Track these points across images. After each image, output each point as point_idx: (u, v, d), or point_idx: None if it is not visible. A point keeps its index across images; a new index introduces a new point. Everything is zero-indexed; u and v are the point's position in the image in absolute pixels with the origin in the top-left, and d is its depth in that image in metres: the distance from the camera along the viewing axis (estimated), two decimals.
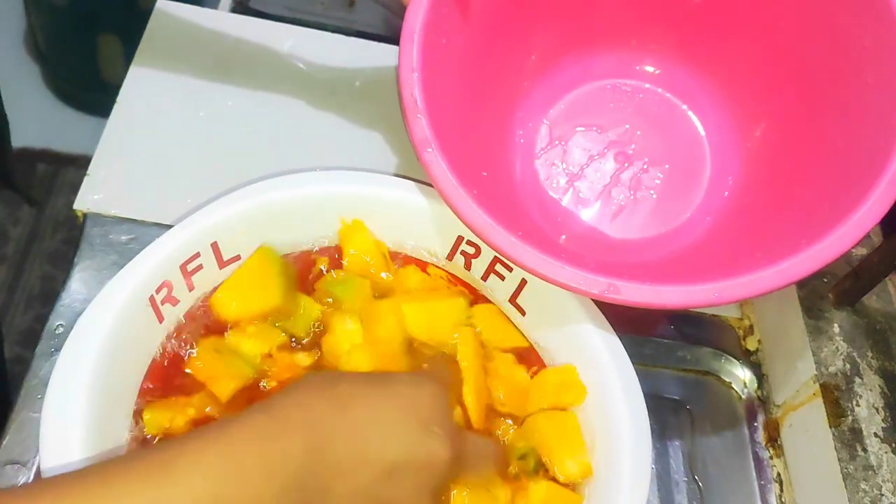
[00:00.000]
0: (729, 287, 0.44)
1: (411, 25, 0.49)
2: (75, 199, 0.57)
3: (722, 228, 0.56)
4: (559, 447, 0.49)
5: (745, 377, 0.60)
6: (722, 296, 0.44)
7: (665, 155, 0.59)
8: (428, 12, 0.49)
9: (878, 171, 0.44)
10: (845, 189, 0.46)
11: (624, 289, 0.44)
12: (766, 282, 0.44)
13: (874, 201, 0.43)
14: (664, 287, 0.44)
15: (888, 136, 0.45)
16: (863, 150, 0.47)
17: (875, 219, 0.43)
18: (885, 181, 0.43)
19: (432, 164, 0.47)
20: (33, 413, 0.49)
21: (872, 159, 0.45)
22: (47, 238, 1.34)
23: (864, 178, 0.44)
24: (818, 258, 0.44)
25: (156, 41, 0.66)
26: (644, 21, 0.59)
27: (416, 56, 0.49)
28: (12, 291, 1.29)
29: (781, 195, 0.53)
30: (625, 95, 0.61)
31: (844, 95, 0.50)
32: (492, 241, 0.46)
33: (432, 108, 0.48)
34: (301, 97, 0.65)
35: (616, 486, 0.45)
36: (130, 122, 0.62)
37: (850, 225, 0.43)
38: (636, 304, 0.45)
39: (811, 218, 0.46)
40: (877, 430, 0.52)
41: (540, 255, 0.45)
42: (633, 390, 0.48)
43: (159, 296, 0.48)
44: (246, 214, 0.51)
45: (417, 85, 0.48)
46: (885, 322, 0.57)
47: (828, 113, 0.51)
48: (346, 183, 0.53)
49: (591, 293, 0.45)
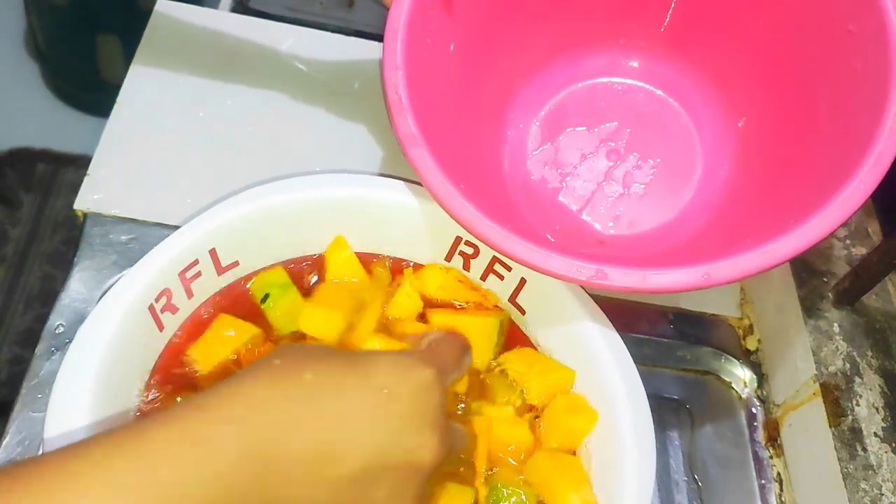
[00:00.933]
0: (718, 268, 0.44)
1: (394, 24, 0.49)
2: (75, 199, 0.58)
3: (715, 220, 0.56)
4: (561, 483, 0.47)
5: (745, 377, 0.60)
6: (711, 277, 0.44)
7: (656, 150, 0.59)
8: (411, 12, 0.49)
9: (863, 152, 0.45)
10: (833, 171, 0.46)
11: (612, 274, 0.44)
12: (753, 262, 0.44)
13: (859, 181, 0.44)
14: (652, 271, 0.44)
15: (874, 119, 0.45)
16: (849, 134, 0.47)
17: (860, 199, 0.44)
18: (869, 162, 0.44)
19: (418, 159, 0.47)
20: (33, 413, 0.49)
21: (858, 142, 0.45)
22: (47, 238, 1.34)
23: (850, 159, 0.45)
24: (804, 237, 0.44)
25: (156, 41, 0.66)
26: (630, 18, 0.59)
27: (399, 54, 0.49)
28: (12, 292, 1.29)
29: (771, 182, 0.53)
30: (615, 93, 0.61)
31: (832, 81, 0.51)
32: (479, 231, 0.45)
33: (417, 105, 0.48)
34: (301, 97, 0.65)
35: (619, 494, 0.45)
36: (130, 122, 0.62)
37: (836, 205, 0.44)
38: (625, 289, 0.44)
39: (800, 201, 0.47)
40: (877, 430, 0.52)
41: (528, 245, 0.45)
42: (635, 390, 0.48)
43: (159, 304, 0.48)
44: (244, 220, 0.51)
45: (402, 83, 0.48)
46: (884, 322, 0.57)
47: (816, 99, 0.52)
48: (345, 186, 0.53)
49: (579, 280, 0.44)
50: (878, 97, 0.46)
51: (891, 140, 0.44)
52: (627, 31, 0.60)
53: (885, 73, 0.46)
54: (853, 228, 0.61)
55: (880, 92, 0.46)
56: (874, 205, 0.63)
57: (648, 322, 0.60)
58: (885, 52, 0.46)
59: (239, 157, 0.61)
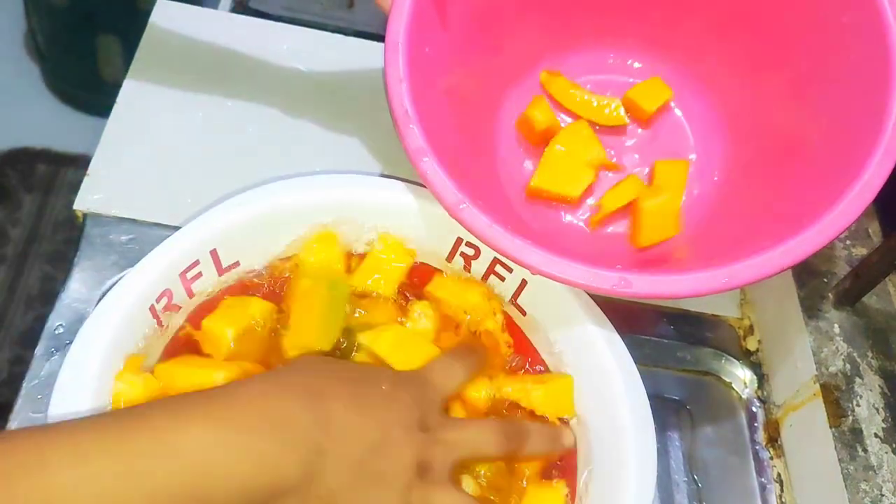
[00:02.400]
0: (738, 271, 0.44)
1: (395, 36, 0.49)
2: (75, 199, 0.57)
3: (715, 216, 0.56)
4: None
5: (745, 377, 0.60)
6: (732, 280, 0.44)
7: (652, 150, 0.60)
8: (410, 22, 0.49)
9: (871, 145, 0.45)
10: (843, 166, 0.46)
11: (636, 282, 0.44)
12: (773, 262, 0.44)
13: (871, 174, 0.44)
14: (675, 277, 0.44)
15: (879, 110, 0.46)
16: (855, 128, 0.48)
17: (873, 192, 0.44)
18: (878, 154, 0.45)
19: (430, 173, 0.47)
20: (33, 414, 0.49)
21: (865, 135, 0.46)
22: (47, 238, 1.34)
23: (859, 153, 0.45)
24: (825, 232, 0.44)
25: (156, 41, 0.66)
26: (624, 17, 0.59)
27: (402, 66, 0.49)
28: (12, 292, 1.29)
29: (775, 179, 0.53)
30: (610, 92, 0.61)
31: (832, 76, 0.51)
32: (494, 242, 0.46)
33: (423, 117, 0.48)
34: (301, 97, 0.65)
35: (620, 496, 0.45)
36: (130, 122, 0.62)
37: (852, 197, 0.44)
38: (648, 296, 0.44)
39: (812, 199, 0.47)
40: (877, 431, 0.52)
41: (550, 256, 0.45)
42: (635, 390, 0.48)
43: (160, 304, 0.48)
44: (246, 221, 0.51)
45: (406, 95, 0.48)
46: (885, 322, 0.57)
47: (817, 95, 0.52)
48: (345, 187, 0.53)
49: (602, 289, 0.45)
50: (881, 86, 0.46)
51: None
52: (619, 29, 0.60)
53: (884, 62, 0.46)
54: (853, 229, 0.61)
55: (882, 81, 0.46)
56: (874, 205, 0.63)
57: (649, 322, 0.60)
58: (883, 41, 0.47)
59: (239, 157, 0.61)
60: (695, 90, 0.60)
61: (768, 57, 0.55)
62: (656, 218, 0.55)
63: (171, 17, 0.67)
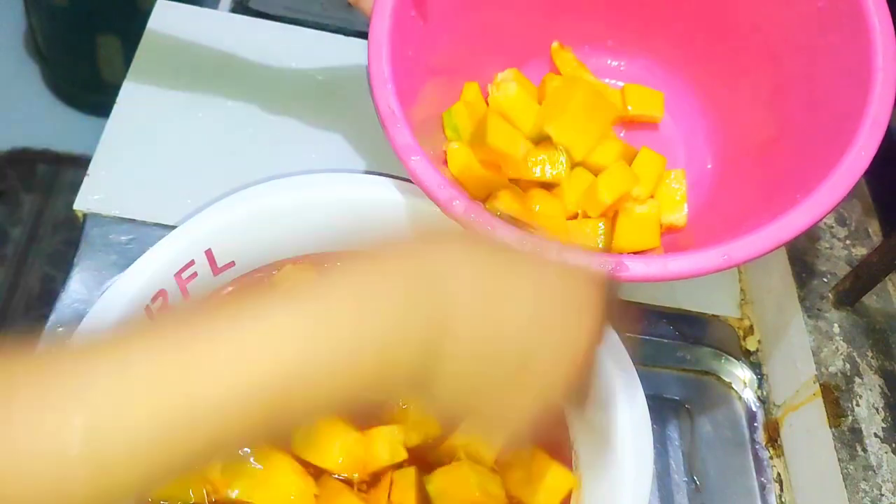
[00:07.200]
0: (735, 248, 0.44)
1: (378, 39, 0.50)
2: (75, 199, 0.57)
3: (711, 202, 0.56)
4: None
5: (745, 377, 0.60)
6: (731, 258, 0.44)
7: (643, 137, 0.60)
8: (392, 25, 0.50)
9: (857, 119, 0.46)
10: (831, 143, 0.47)
11: (632, 265, 0.44)
12: (770, 238, 0.44)
13: (859, 148, 0.45)
14: (671, 258, 0.45)
15: (863, 85, 0.47)
16: (841, 104, 0.49)
17: (862, 166, 0.45)
18: (865, 128, 0.46)
19: (420, 170, 0.47)
20: None
21: (852, 110, 0.47)
22: (47, 239, 1.34)
23: (846, 129, 0.46)
24: (821, 204, 0.45)
25: (156, 41, 0.66)
26: (606, 18, 0.60)
27: (386, 68, 0.49)
28: (12, 292, 1.29)
29: (767, 161, 0.54)
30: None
31: (814, 58, 0.52)
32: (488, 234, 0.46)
33: (409, 115, 0.49)
34: (300, 97, 0.65)
35: (616, 496, 0.45)
36: (130, 122, 0.62)
37: (843, 170, 0.45)
38: (645, 278, 0.44)
39: (804, 174, 0.47)
40: (877, 431, 0.52)
41: (546, 244, 0.45)
42: (633, 390, 0.48)
43: (155, 305, 0.48)
44: (240, 220, 0.51)
45: (392, 96, 0.49)
46: (885, 322, 0.57)
47: (802, 74, 0.53)
48: (342, 186, 0.53)
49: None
50: (863, 63, 0.47)
51: (882, 105, 0.46)
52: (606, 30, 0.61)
53: (864, 40, 0.47)
54: (853, 229, 0.61)
55: (864, 58, 0.47)
56: (874, 205, 0.63)
57: (648, 322, 0.60)
58: (861, 20, 0.48)
59: (239, 157, 0.61)
60: (682, 80, 0.61)
61: (751, 46, 0.56)
62: (634, 230, 0.55)
63: (170, 18, 0.67)
